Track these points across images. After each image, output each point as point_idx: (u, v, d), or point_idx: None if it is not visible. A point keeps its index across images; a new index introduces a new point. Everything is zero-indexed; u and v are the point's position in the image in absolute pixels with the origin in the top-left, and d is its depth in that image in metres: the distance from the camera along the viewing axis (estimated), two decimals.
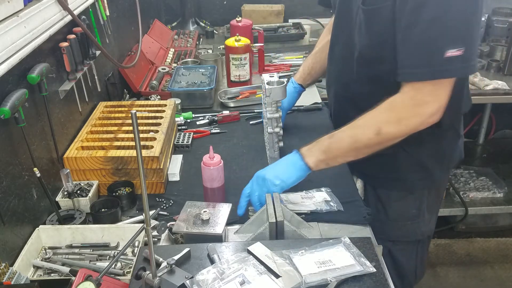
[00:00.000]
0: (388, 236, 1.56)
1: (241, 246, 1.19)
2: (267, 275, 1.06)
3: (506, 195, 2.94)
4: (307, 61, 1.81)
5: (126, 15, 2.37)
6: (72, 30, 1.64)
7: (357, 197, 1.51)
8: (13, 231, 1.25)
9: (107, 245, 1.33)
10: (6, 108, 1.18)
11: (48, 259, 1.28)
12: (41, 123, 1.44)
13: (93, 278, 1.00)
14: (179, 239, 1.30)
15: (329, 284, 1.05)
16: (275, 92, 1.50)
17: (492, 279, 2.75)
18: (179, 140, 1.84)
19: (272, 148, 1.60)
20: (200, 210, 1.29)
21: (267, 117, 1.56)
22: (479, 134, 3.43)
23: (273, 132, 1.56)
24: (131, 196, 1.51)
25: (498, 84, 2.55)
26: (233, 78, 2.30)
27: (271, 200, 1.31)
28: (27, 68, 1.34)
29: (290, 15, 3.36)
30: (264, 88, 1.54)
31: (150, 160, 1.51)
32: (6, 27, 1.18)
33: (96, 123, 1.72)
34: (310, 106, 2.08)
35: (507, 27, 2.97)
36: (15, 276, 1.10)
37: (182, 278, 1.06)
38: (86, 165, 1.52)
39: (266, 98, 1.54)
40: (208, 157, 1.41)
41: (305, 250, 1.14)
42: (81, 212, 1.43)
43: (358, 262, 1.11)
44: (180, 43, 2.98)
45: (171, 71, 2.47)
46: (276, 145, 1.60)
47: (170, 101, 1.94)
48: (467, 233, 3.06)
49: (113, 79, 2.12)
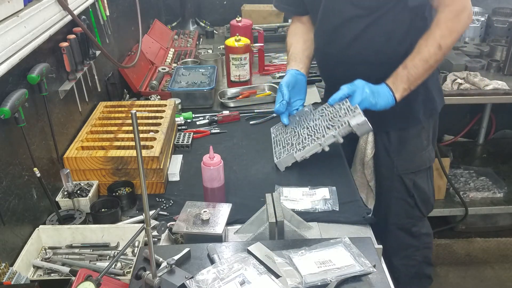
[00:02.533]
0: (412, 169, 1.86)
1: (241, 246, 1.19)
2: (267, 275, 1.06)
3: (506, 195, 2.94)
4: (297, 48, 1.83)
5: (126, 15, 2.37)
6: (72, 30, 1.64)
7: (357, 197, 1.52)
8: (13, 231, 1.25)
9: (107, 245, 1.33)
10: (6, 108, 1.18)
11: (48, 259, 1.29)
12: (41, 123, 1.44)
13: (93, 278, 1.00)
14: (179, 239, 1.30)
15: (329, 284, 1.05)
16: (365, 129, 1.52)
17: (492, 279, 2.75)
18: (179, 140, 1.84)
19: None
20: (200, 210, 1.29)
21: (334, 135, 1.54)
22: (479, 134, 3.43)
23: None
24: (131, 196, 1.51)
25: (498, 84, 2.55)
26: (233, 78, 2.30)
27: (271, 200, 1.31)
28: (27, 68, 1.34)
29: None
30: (348, 123, 1.52)
31: (150, 160, 1.51)
32: (6, 27, 1.18)
33: (96, 123, 1.72)
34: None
35: (507, 27, 2.97)
36: (15, 276, 1.10)
37: (182, 278, 1.06)
38: (86, 165, 1.52)
39: (344, 127, 1.52)
40: (208, 157, 1.41)
41: (305, 250, 1.14)
42: (81, 212, 1.43)
43: (358, 262, 1.11)
44: (180, 43, 2.98)
45: (171, 71, 2.47)
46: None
47: (170, 101, 1.94)
48: (467, 233, 3.06)
49: (113, 79, 2.12)
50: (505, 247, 2.97)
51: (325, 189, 1.52)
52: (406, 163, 1.84)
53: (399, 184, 1.89)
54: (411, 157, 1.85)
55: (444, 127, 3.39)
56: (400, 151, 1.83)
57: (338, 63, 1.75)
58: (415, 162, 1.86)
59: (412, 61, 1.57)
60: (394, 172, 1.85)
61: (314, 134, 1.60)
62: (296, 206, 1.45)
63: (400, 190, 1.89)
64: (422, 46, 1.56)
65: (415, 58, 1.57)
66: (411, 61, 1.57)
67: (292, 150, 1.62)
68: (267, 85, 2.29)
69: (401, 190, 1.90)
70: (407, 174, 1.86)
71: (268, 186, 1.55)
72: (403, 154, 1.83)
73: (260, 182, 1.60)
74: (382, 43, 1.64)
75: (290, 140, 1.68)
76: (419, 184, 1.90)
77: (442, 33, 1.55)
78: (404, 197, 1.91)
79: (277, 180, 1.60)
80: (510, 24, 2.96)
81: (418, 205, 1.92)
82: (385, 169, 1.87)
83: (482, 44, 3.01)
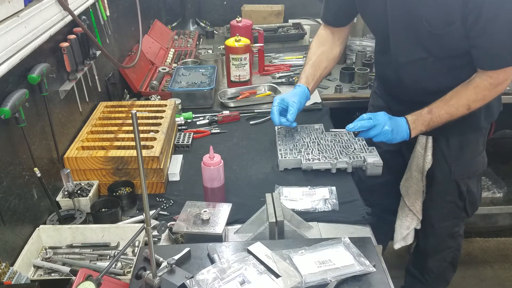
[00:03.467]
0: (468, 174, 1.86)
1: (241, 246, 1.19)
2: (267, 275, 1.07)
3: (506, 195, 2.94)
4: (308, 70, 1.85)
5: (126, 15, 2.37)
6: (72, 30, 1.64)
7: (357, 197, 1.52)
8: (13, 231, 1.25)
9: (107, 245, 1.33)
10: (7, 108, 1.18)
11: (49, 259, 1.29)
12: (41, 123, 1.44)
13: (93, 278, 1.00)
14: (179, 239, 1.30)
15: (329, 284, 1.06)
16: (377, 171, 1.61)
17: (491, 279, 2.75)
18: (179, 140, 1.84)
19: None
20: (200, 210, 1.29)
21: (347, 162, 1.62)
22: None
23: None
24: (131, 196, 1.51)
25: None
26: (233, 78, 2.30)
27: (271, 200, 1.31)
28: (27, 68, 1.34)
29: (290, 15, 3.36)
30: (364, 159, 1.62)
31: (150, 160, 1.51)
32: (7, 27, 1.18)
33: (97, 123, 1.73)
34: (310, 106, 2.08)
35: None
36: (15, 276, 1.10)
37: (182, 277, 1.06)
38: (87, 165, 1.52)
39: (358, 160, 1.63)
40: (208, 157, 1.42)
41: (305, 250, 1.14)
42: (82, 212, 1.44)
43: (358, 262, 1.11)
44: (180, 43, 2.98)
45: (171, 71, 2.47)
46: None
47: (170, 101, 1.94)
48: (467, 233, 3.04)
49: (113, 79, 2.12)
50: (504, 247, 2.97)
51: (325, 189, 1.52)
52: (463, 168, 1.84)
53: (453, 189, 1.88)
54: (468, 162, 1.84)
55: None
56: (458, 157, 1.82)
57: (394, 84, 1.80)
58: (471, 168, 1.86)
59: (438, 111, 1.59)
60: (451, 178, 1.84)
61: (325, 152, 1.67)
62: (296, 206, 1.45)
63: (453, 194, 1.89)
64: (453, 102, 1.57)
65: (442, 109, 1.58)
66: (438, 110, 1.59)
67: (300, 156, 1.64)
68: (267, 85, 2.29)
69: (454, 194, 1.89)
70: (463, 179, 1.85)
71: (268, 186, 1.55)
72: (461, 159, 1.83)
73: (260, 182, 1.61)
74: (442, 78, 1.65)
75: (298, 146, 1.71)
76: (471, 189, 1.90)
77: (476, 98, 1.57)
78: (456, 201, 1.90)
79: (277, 180, 1.60)
80: None
81: (466, 208, 1.93)
82: (441, 174, 1.85)
83: None
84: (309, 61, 1.86)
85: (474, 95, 1.57)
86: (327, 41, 1.89)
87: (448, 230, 2.00)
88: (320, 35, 1.92)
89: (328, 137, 1.76)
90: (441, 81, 1.64)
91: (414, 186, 1.88)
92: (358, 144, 1.70)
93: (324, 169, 1.61)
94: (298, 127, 1.81)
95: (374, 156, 1.62)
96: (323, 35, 1.91)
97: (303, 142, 1.74)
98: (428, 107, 1.60)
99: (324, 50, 1.87)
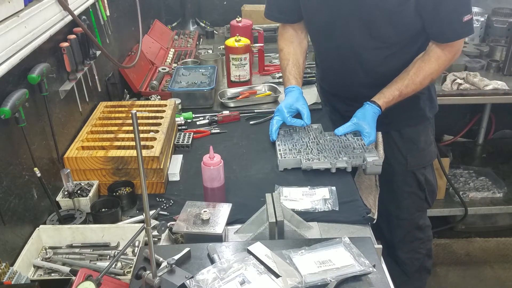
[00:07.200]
0: (423, 164, 1.98)
1: (241, 246, 1.19)
2: (267, 275, 1.07)
3: (506, 195, 2.94)
4: (293, 71, 1.88)
5: (126, 15, 2.37)
6: (72, 30, 1.64)
7: (357, 197, 1.52)
8: (13, 231, 1.25)
9: (107, 245, 1.33)
10: (7, 108, 1.19)
11: (49, 259, 1.29)
12: (41, 123, 1.44)
13: (93, 278, 1.00)
14: (179, 239, 1.30)
15: (328, 284, 1.06)
16: (376, 170, 1.62)
17: (491, 279, 2.75)
18: (179, 140, 1.84)
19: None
20: (200, 210, 1.29)
21: (347, 161, 1.63)
22: (479, 134, 3.43)
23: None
24: (131, 196, 1.51)
25: (498, 84, 2.55)
26: (233, 78, 2.30)
27: (271, 200, 1.31)
28: (27, 68, 1.34)
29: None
30: (364, 158, 1.63)
31: (150, 160, 1.51)
32: (7, 27, 1.18)
33: (97, 123, 1.73)
34: (310, 106, 2.08)
35: (507, 27, 2.97)
36: (15, 276, 1.10)
37: (182, 278, 1.07)
38: (87, 165, 1.52)
39: (358, 159, 1.64)
40: (208, 157, 1.42)
41: (305, 250, 1.14)
42: (82, 212, 1.44)
43: (358, 262, 1.11)
44: (180, 43, 2.98)
45: (171, 71, 2.47)
46: None
47: (170, 101, 1.94)
48: (467, 233, 3.06)
49: (113, 79, 2.12)
50: (504, 247, 2.97)
51: (325, 189, 1.52)
52: (418, 158, 1.95)
53: (411, 180, 1.98)
54: (422, 152, 1.96)
55: (444, 127, 3.40)
56: (411, 148, 1.94)
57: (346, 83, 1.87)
58: (425, 157, 1.98)
59: (407, 88, 1.69)
60: (407, 168, 1.95)
61: (324, 152, 1.67)
62: (296, 206, 1.45)
63: (412, 185, 1.99)
64: (419, 79, 1.68)
65: (408, 87, 1.68)
66: (406, 88, 1.68)
67: (300, 156, 1.64)
68: (267, 85, 2.29)
69: (413, 185, 1.99)
70: (419, 169, 1.96)
71: (268, 186, 1.55)
72: (415, 150, 1.94)
73: (260, 182, 1.61)
74: (396, 71, 1.73)
75: (298, 146, 1.71)
76: (428, 178, 2.01)
77: (439, 69, 1.69)
78: (416, 191, 2.01)
79: (277, 180, 1.60)
80: (509, 24, 2.96)
81: (427, 198, 2.04)
82: (398, 166, 1.95)
83: (482, 44, 3.01)
84: (288, 61, 1.90)
85: (437, 66, 1.68)
86: (294, 36, 1.92)
87: (414, 222, 2.08)
88: (283, 33, 1.95)
89: (327, 137, 1.77)
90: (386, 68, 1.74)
91: (367, 181, 1.90)
92: (357, 143, 1.71)
93: (324, 169, 1.61)
94: (297, 127, 1.82)
95: (373, 155, 1.63)
96: (287, 32, 1.94)
97: (302, 142, 1.74)
98: (398, 89, 1.68)
99: (295, 46, 1.92)
